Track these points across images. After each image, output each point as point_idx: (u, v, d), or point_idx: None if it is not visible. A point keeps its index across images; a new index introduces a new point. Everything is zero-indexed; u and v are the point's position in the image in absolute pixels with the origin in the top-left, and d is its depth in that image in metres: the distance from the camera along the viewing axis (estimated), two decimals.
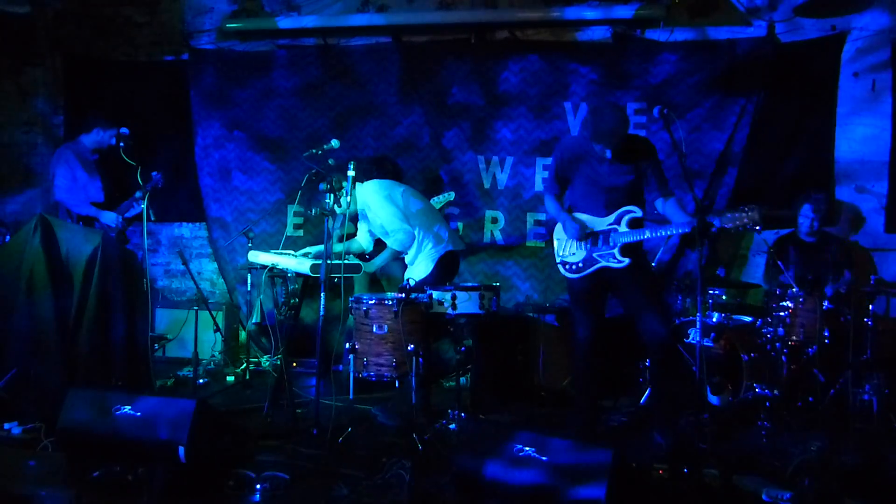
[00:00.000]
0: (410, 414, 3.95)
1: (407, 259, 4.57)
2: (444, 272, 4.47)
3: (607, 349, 4.11)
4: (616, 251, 3.77)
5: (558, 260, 4.00)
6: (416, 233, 4.42)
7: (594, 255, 3.84)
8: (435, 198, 5.34)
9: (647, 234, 3.73)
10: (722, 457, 3.47)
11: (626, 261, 3.76)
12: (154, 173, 4.76)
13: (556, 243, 4.04)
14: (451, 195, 5.46)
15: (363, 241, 4.71)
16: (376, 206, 4.42)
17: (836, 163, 5.40)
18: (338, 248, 4.50)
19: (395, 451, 3.59)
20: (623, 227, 3.78)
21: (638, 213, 3.78)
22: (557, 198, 4.01)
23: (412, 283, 4.05)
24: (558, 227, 4.03)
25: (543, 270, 5.74)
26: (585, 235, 3.84)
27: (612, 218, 3.82)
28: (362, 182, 4.51)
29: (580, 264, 3.88)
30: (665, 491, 3.17)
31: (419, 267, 4.48)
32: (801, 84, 5.39)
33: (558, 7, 5.65)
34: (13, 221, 6.21)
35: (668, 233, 3.75)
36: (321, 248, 4.36)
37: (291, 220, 6.16)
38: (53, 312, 4.01)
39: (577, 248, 3.90)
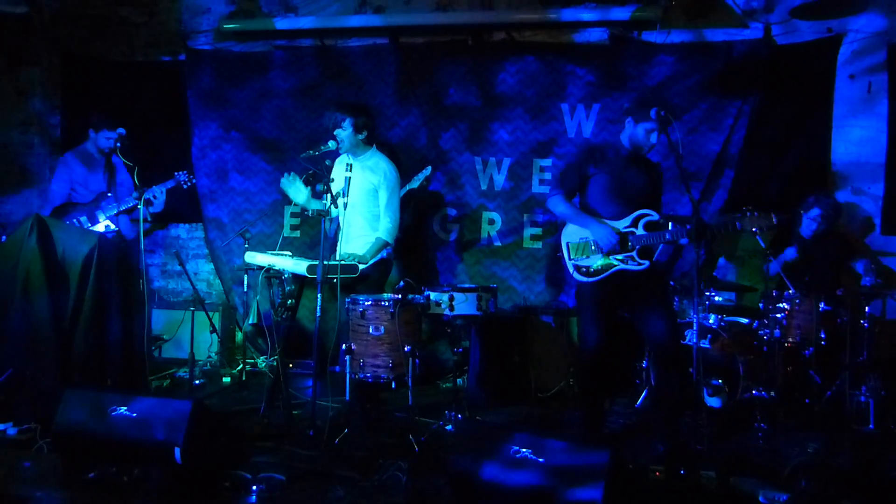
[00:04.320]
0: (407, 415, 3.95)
1: (349, 234, 4.41)
2: (380, 274, 4.38)
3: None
4: (634, 254, 3.75)
5: (570, 265, 3.90)
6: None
7: (612, 258, 3.80)
8: (414, 178, 5.33)
9: (668, 237, 3.70)
10: (719, 458, 3.48)
11: (646, 263, 3.74)
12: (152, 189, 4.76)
13: (566, 247, 3.95)
14: (428, 170, 5.42)
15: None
16: (393, 188, 4.35)
17: (832, 165, 5.42)
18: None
19: (391, 452, 3.59)
20: (640, 230, 3.77)
21: (654, 216, 3.77)
22: (568, 198, 3.95)
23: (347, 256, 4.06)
24: (569, 230, 3.95)
25: (540, 272, 5.74)
26: (618, 243, 3.77)
27: (627, 221, 3.81)
28: (382, 156, 4.45)
29: (598, 267, 3.82)
30: (662, 492, 3.18)
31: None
32: (798, 86, 5.39)
33: (555, 9, 5.64)
34: (9, 221, 6.21)
35: (683, 237, 3.68)
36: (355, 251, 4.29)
37: (288, 220, 6.15)
38: (49, 313, 4.00)
39: (591, 251, 3.84)
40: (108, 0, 6.46)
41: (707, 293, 4.77)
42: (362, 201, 4.31)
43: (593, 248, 3.84)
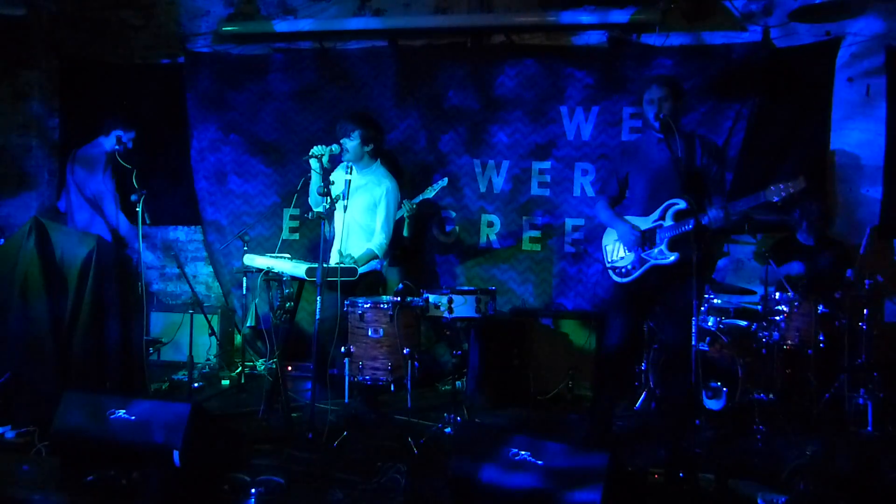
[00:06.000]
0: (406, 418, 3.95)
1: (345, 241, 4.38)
2: (369, 284, 4.37)
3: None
4: (663, 247, 3.69)
5: (608, 266, 3.93)
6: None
7: (642, 255, 3.77)
8: (429, 188, 5.29)
9: (693, 224, 3.54)
10: (717, 461, 3.48)
11: (675, 256, 3.65)
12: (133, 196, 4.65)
13: (604, 250, 3.98)
14: (444, 181, 5.36)
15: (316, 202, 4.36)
16: (391, 206, 4.35)
17: (830, 167, 5.41)
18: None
19: (390, 455, 3.59)
20: (668, 221, 3.72)
21: (681, 203, 3.66)
22: (610, 203, 3.97)
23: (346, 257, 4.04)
24: (607, 233, 3.99)
25: (539, 274, 5.74)
26: (638, 240, 3.75)
27: (657, 214, 3.77)
28: (386, 172, 4.44)
29: (630, 266, 3.80)
30: (661, 495, 3.18)
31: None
32: (796, 89, 5.40)
33: (554, 11, 5.64)
34: (7, 224, 6.20)
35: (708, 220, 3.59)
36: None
37: (287, 223, 6.15)
38: (48, 316, 3.99)
39: (626, 251, 3.83)
40: (107, 3, 6.47)
41: (706, 296, 4.77)
42: (361, 213, 4.30)
43: (624, 248, 3.85)
